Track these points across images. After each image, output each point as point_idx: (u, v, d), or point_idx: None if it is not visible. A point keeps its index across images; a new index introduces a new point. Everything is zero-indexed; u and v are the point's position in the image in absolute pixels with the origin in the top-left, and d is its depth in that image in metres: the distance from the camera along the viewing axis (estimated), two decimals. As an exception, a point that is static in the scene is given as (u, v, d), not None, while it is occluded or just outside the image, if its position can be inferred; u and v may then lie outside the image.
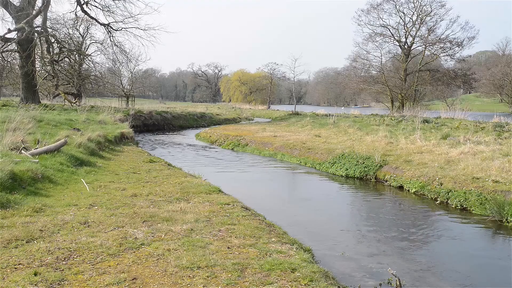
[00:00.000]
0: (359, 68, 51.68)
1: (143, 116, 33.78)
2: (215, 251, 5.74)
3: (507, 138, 17.49)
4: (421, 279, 6.48)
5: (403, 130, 21.94)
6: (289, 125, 31.24)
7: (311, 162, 17.23)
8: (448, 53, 47.65)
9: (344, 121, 29.62)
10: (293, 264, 5.39)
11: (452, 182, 11.54)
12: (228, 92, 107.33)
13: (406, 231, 9.07)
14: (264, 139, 22.65)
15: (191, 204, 8.43)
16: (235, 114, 53.12)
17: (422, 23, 47.20)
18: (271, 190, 13.22)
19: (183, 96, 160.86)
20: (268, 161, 18.55)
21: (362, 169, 14.70)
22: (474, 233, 9.08)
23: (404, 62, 47.91)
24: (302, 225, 9.20)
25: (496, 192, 10.26)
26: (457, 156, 14.18)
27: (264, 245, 6.17)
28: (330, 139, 21.11)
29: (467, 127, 22.67)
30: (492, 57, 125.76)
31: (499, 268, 7.14)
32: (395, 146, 17.46)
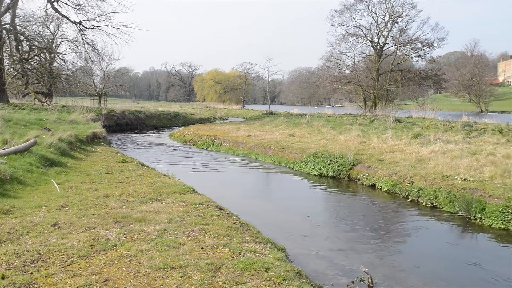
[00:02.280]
0: (333, 68, 52.14)
1: (116, 116, 33.34)
2: (189, 251, 5.72)
3: (475, 137, 17.91)
4: (393, 276, 6.59)
5: (375, 130, 22.23)
6: (263, 125, 31.30)
7: (285, 162, 17.31)
8: (419, 53, 48.58)
9: (318, 120, 29.85)
10: (266, 263, 5.41)
11: (423, 181, 11.76)
12: (202, 91, 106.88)
13: (379, 229, 9.21)
14: (238, 139, 22.64)
15: (164, 204, 8.37)
16: (209, 113, 52.94)
17: (394, 24, 47.97)
18: (245, 189, 13.23)
19: (157, 95, 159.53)
20: (242, 161, 18.55)
21: (335, 168, 14.85)
22: (443, 230, 9.28)
23: (377, 62, 48.57)
24: (276, 224, 9.25)
25: (464, 190, 10.50)
26: (428, 155, 14.45)
27: (238, 244, 6.17)
28: (304, 139, 21.25)
29: (437, 126, 23.13)
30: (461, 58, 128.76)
31: (467, 265, 7.31)
32: (367, 145, 17.68)
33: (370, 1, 47.54)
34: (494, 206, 9.50)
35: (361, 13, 48.66)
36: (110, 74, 47.18)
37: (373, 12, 48.02)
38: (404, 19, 47.48)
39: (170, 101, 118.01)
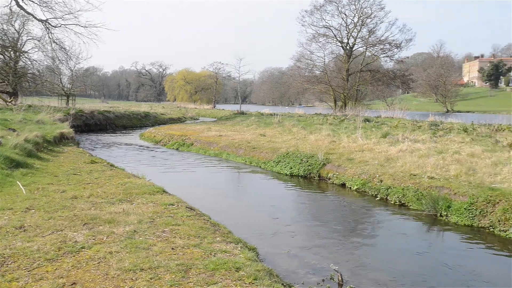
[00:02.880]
0: (303, 68, 52.53)
1: (84, 116, 32.73)
2: (159, 252, 5.67)
3: (441, 136, 18.34)
4: (363, 274, 6.69)
5: (345, 129, 22.49)
6: (235, 125, 31.27)
7: (256, 161, 17.35)
8: (388, 54, 49.43)
9: (289, 120, 30.01)
10: (237, 263, 5.41)
11: (391, 179, 11.96)
12: (173, 91, 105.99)
13: (349, 227, 9.33)
14: (209, 139, 22.56)
15: (134, 205, 8.26)
16: (180, 113, 52.56)
17: (363, 24, 48.66)
18: (216, 189, 13.19)
19: (127, 95, 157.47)
20: (213, 161, 18.50)
21: (306, 168, 14.96)
22: (411, 227, 9.47)
23: (346, 62, 49.17)
24: (247, 223, 9.27)
25: (431, 188, 10.74)
26: (396, 154, 14.71)
27: (208, 245, 6.15)
28: (275, 138, 21.33)
29: (405, 126, 23.56)
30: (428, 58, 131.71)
31: (433, 261, 7.48)
32: (337, 144, 17.88)
33: (339, 2, 48.14)
34: (459, 204, 9.75)
35: (331, 14, 49.21)
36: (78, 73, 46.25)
37: (343, 13, 48.63)
38: (373, 20, 48.30)
39: (140, 101, 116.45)
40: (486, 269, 7.17)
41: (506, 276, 6.89)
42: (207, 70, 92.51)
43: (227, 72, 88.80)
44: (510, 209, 8.77)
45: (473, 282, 6.55)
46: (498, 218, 8.87)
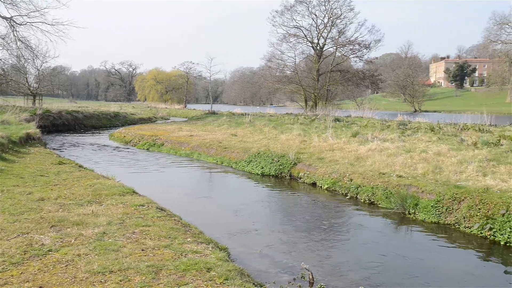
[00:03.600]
0: (274, 68, 52.70)
1: (52, 116, 32.01)
2: (129, 254, 5.60)
3: (409, 135, 18.68)
4: (333, 272, 6.76)
5: (316, 129, 22.68)
6: (206, 124, 31.15)
7: (228, 161, 17.32)
8: (357, 54, 50.08)
9: (260, 120, 30.06)
10: (208, 263, 5.39)
11: (361, 178, 12.13)
12: (143, 91, 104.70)
13: (319, 226, 9.41)
14: (180, 139, 22.41)
15: (103, 206, 8.14)
16: (150, 113, 52.00)
17: (333, 25, 49.17)
18: (187, 190, 13.11)
19: (96, 95, 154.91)
20: (185, 161, 18.38)
21: (277, 167, 15.02)
22: (381, 225, 9.62)
23: (317, 62, 49.59)
24: (218, 223, 9.25)
25: (399, 186, 10.94)
26: (366, 153, 14.92)
27: (179, 245, 6.11)
28: (246, 138, 21.34)
29: (375, 125, 23.91)
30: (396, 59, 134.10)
31: (402, 258, 7.63)
32: (308, 144, 18.02)
33: (310, 3, 48.52)
34: (426, 201, 9.97)
35: (302, 14, 49.58)
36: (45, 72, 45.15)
37: (313, 14, 49.02)
38: (343, 21, 48.87)
39: (110, 101, 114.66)
40: (452, 265, 7.35)
41: (469, 271, 7.07)
42: (178, 70, 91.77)
43: (198, 71, 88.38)
44: (474, 206, 9.01)
45: (439, 278, 6.70)
46: (463, 215, 9.10)
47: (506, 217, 8.39)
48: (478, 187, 9.82)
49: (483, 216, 8.74)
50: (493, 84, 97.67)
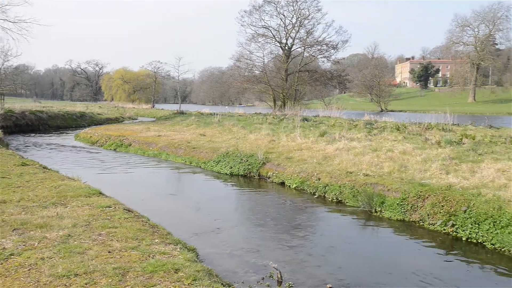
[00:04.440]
0: (243, 67, 52.67)
1: (14, 116, 31.15)
2: (95, 256, 5.51)
3: (376, 134, 19.00)
4: (302, 271, 6.82)
5: (284, 128, 22.81)
6: (174, 124, 30.91)
7: (196, 161, 17.24)
8: (325, 55, 50.58)
9: (229, 120, 30.03)
10: (176, 264, 5.36)
11: (329, 177, 12.27)
12: (110, 90, 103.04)
13: (288, 225, 9.48)
14: (148, 139, 22.17)
15: (68, 208, 7.97)
16: (117, 113, 51.21)
17: (301, 25, 49.53)
18: (155, 190, 12.99)
19: (61, 95, 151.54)
20: (153, 161, 18.20)
21: (246, 167, 15.04)
22: (348, 223, 9.76)
23: (285, 62, 49.85)
24: (187, 224, 9.20)
25: (366, 184, 11.12)
26: (333, 152, 15.10)
27: (147, 247, 6.05)
28: (215, 138, 21.29)
29: (342, 125, 24.20)
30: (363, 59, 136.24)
31: (368, 255, 7.77)
32: (277, 143, 18.11)
33: (278, 3, 48.71)
34: (392, 199, 10.17)
35: (270, 14, 49.68)
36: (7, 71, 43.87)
37: (281, 14, 49.25)
38: (311, 21, 49.27)
39: (76, 101, 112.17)
40: (416, 261, 7.52)
41: (432, 266, 7.26)
42: (146, 69, 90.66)
43: (166, 71, 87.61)
44: (438, 204, 9.25)
45: (404, 274, 6.85)
46: (427, 212, 9.33)
47: (467, 214, 8.65)
48: (441, 185, 10.08)
49: (446, 213, 8.99)
50: (455, 85, 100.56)
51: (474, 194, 9.14)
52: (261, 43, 50.15)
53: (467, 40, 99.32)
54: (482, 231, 8.25)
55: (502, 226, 8.05)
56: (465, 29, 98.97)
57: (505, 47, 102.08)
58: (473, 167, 11.46)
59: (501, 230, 8.02)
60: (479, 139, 16.13)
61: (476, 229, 8.35)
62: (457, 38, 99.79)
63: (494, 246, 7.90)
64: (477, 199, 8.86)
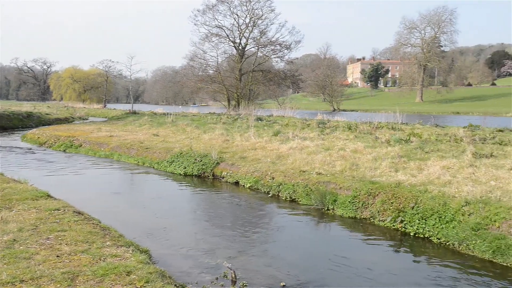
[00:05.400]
0: (197, 67, 52.40)
1: (-46, 116, 29.64)
2: (42, 261, 5.33)
3: (328, 134, 19.34)
4: (256, 270, 6.85)
5: (238, 128, 22.83)
6: (126, 124, 30.32)
7: (149, 162, 17.00)
8: (278, 55, 51.09)
9: (183, 119, 29.75)
10: (128, 266, 5.27)
11: (283, 176, 12.39)
12: (59, 90, 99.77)
13: (242, 225, 9.50)
14: (99, 139, 21.65)
15: (14, 212, 7.67)
16: (67, 113, 49.69)
17: (255, 25, 49.80)
18: (107, 192, 12.69)
19: (6, 94, 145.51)
20: (104, 162, 17.78)
21: (200, 167, 14.95)
22: (301, 222, 9.88)
23: (239, 62, 49.95)
24: (140, 226, 9.05)
25: (319, 183, 11.30)
26: (287, 151, 15.25)
27: (98, 250, 5.91)
28: (168, 138, 21.06)
29: (296, 124, 24.48)
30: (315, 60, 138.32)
31: (321, 253, 7.91)
32: (231, 143, 18.11)
33: (231, 3, 48.75)
34: (344, 197, 10.39)
35: (223, 14, 49.67)
36: None
37: (235, 14, 49.33)
38: (264, 21, 49.64)
39: (22, 100, 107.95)
40: (366, 257, 7.72)
41: (382, 261, 7.47)
42: (97, 68, 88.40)
43: (118, 70, 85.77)
44: (387, 201, 9.53)
45: (355, 270, 7.01)
46: (378, 209, 9.59)
47: (415, 210, 8.95)
48: (391, 182, 10.38)
49: (395, 209, 9.27)
50: (404, 85, 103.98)
51: (421, 191, 9.47)
52: (214, 42, 50.11)
53: (414, 42, 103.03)
54: (428, 226, 8.57)
55: (447, 221, 8.39)
56: (412, 31, 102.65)
57: (450, 49, 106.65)
58: (421, 164, 11.86)
59: (446, 225, 8.35)
60: (426, 138, 16.74)
61: (423, 225, 8.66)
62: (405, 40, 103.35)
63: (440, 240, 8.22)
64: (424, 196, 9.19)
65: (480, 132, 18.70)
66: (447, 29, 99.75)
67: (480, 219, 7.96)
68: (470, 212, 8.23)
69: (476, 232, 7.80)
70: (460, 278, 6.73)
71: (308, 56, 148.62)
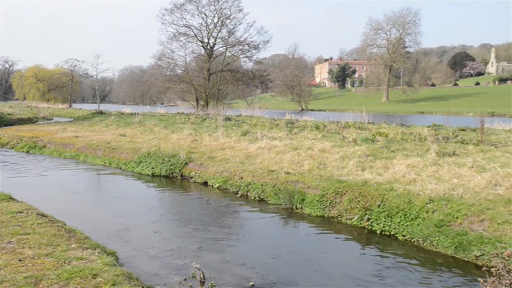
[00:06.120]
0: (165, 67, 51.92)
1: None
2: (4, 265, 5.19)
3: (296, 133, 19.49)
4: (224, 269, 6.85)
5: (207, 128, 22.75)
6: (93, 125, 29.79)
7: (116, 162, 16.75)
8: (247, 55, 51.15)
9: (150, 119, 29.44)
10: (94, 269, 5.19)
11: (251, 176, 12.41)
12: (22, 89, 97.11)
13: (211, 225, 9.47)
14: (64, 140, 21.20)
15: (-26, 216, 7.44)
16: (31, 113, 48.36)
17: (223, 25, 49.68)
18: (73, 193, 12.44)
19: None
20: (70, 163, 17.41)
21: (168, 167, 14.83)
22: (270, 221, 9.92)
23: (207, 62, 49.74)
24: (107, 227, 8.91)
25: (287, 182, 11.38)
26: (256, 151, 15.29)
27: (62, 253, 5.79)
28: (136, 138, 20.80)
29: (264, 124, 24.56)
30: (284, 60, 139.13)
31: (290, 252, 7.96)
32: (199, 143, 18.03)
33: (199, 2, 48.48)
34: (312, 196, 10.49)
35: (191, 13, 49.33)
36: None
37: (203, 13, 49.09)
38: (232, 21, 49.59)
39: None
40: (334, 255, 7.84)
41: (350, 259, 7.59)
42: (62, 67, 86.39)
43: (84, 69, 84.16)
44: (354, 199, 9.68)
45: (325, 268, 7.11)
46: (345, 207, 9.73)
47: (381, 208, 9.13)
48: (357, 181, 10.54)
49: (362, 208, 9.42)
50: (370, 85, 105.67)
51: (387, 189, 9.66)
52: (183, 42, 49.74)
53: (380, 43, 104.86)
54: (394, 224, 8.75)
55: (412, 219, 8.59)
56: (378, 32, 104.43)
57: (414, 50, 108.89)
58: (387, 163, 12.09)
59: (410, 222, 8.55)
60: (392, 137, 17.08)
61: (389, 222, 8.84)
62: (371, 40, 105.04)
63: (405, 238, 8.40)
64: (390, 194, 9.37)
65: (443, 131, 19.22)
66: (412, 30, 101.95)
67: (443, 216, 8.18)
68: (434, 210, 8.44)
69: (439, 229, 8.01)
70: (423, 274, 6.89)
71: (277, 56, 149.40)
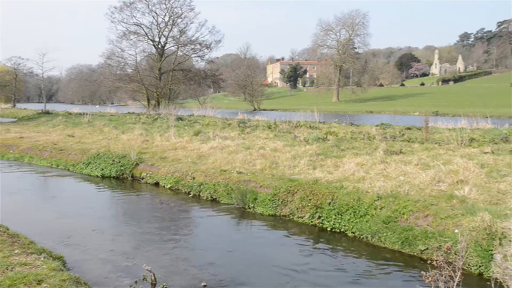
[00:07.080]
0: (114, 66, 50.89)
1: None
2: None
3: (249, 133, 19.58)
4: (176, 271, 6.79)
5: (158, 128, 22.47)
6: (39, 125, 28.78)
7: (64, 164, 16.25)
8: (199, 54, 50.94)
9: (100, 120, 28.77)
10: (39, 275, 5.02)
11: (204, 176, 12.36)
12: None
13: (162, 226, 9.36)
14: (7, 141, 20.36)
15: None
16: (-30, 113, 46.22)
17: (174, 24, 49.26)
18: (16, 197, 11.96)
19: None
20: (14, 166, 16.73)
21: (118, 168, 14.54)
22: (222, 221, 9.91)
23: (159, 61, 49.14)
24: (53, 231, 8.62)
25: (240, 182, 11.41)
26: (208, 151, 15.25)
27: (5, 259, 5.57)
28: (84, 139, 20.26)
29: (216, 123, 24.54)
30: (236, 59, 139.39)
31: (242, 252, 8.00)
32: (151, 143, 17.79)
33: (150, 0, 47.78)
34: (264, 195, 10.56)
35: (142, 12, 48.64)
36: None
37: (154, 12, 48.49)
38: (184, 20, 49.24)
39: None
40: (286, 254, 7.92)
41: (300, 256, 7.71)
42: (4, 66, 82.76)
43: (28, 68, 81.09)
44: (306, 198, 9.82)
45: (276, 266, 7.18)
46: (297, 206, 9.85)
47: (331, 206, 9.31)
48: (309, 179, 10.71)
49: (313, 206, 9.57)
50: (321, 85, 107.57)
51: (337, 187, 9.86)
52: (133, 40, 48.95)
53: (330, 44, 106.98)
54: (344, 221, 8.95)
55: (361, 216, 8.81)
56: (328, 33, 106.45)
57: (363, 51, 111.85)
58: (337, 162, 12.35)
59: (359, 219, 8.77)
60: (342, 136, 17.47)
61: (339, 220, 9.03)
62: (322, 41, 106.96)
63: (354, 234, 8.62)
64: (340, 192, 9.58)
65: (390, 130, 19.84)
66: (361, 32, 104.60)
67: (390, 213, 8.44)
68: (382, 206, 8.70)
69: (387, 225, 8.27)
70: (371, 269, 7.10)
71: (229, 56, 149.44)
